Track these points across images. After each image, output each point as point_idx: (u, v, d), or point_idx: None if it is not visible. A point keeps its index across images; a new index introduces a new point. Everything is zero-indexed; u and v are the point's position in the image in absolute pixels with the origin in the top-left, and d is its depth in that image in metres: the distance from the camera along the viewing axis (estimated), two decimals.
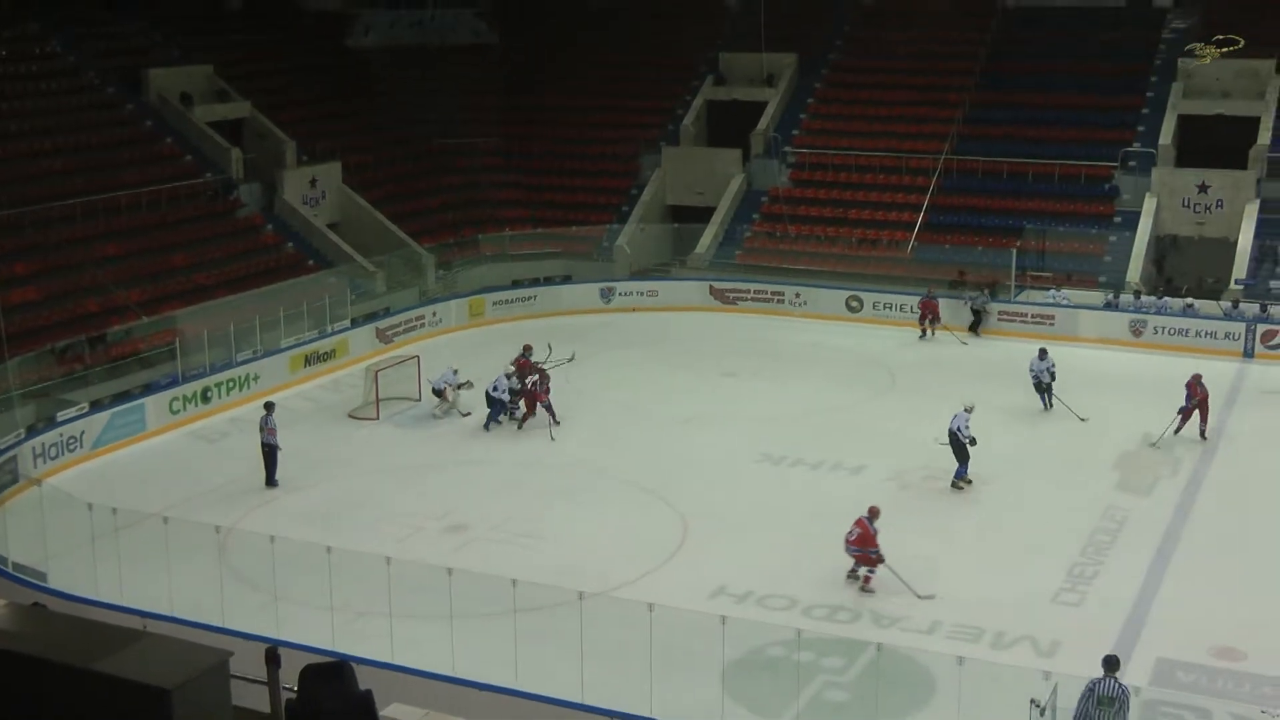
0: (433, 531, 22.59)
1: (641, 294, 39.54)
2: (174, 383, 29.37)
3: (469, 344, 35.89)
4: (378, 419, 28.90)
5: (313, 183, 40.28)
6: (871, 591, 19.85)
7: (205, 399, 29.37)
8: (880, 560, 19.85)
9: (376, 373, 29.41)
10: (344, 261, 38.33)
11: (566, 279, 41.63)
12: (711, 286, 39.31)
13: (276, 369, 31.52)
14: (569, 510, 23.63)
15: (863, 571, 19.96)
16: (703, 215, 42.57)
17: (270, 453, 24.84)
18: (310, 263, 38.06)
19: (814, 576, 20.50)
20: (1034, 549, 21.60)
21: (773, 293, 38.61)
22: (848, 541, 19.98)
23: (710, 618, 16.57)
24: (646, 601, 16.53)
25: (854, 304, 37.47)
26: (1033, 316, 35.20)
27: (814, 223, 41.28)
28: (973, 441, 23.81)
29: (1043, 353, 28.59)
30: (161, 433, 28.16)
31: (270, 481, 24.77)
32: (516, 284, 40.71)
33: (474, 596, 18.24)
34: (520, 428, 27.77)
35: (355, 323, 34.97)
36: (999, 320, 35.57)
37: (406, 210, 42.79)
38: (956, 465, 24.18)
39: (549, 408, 27.32)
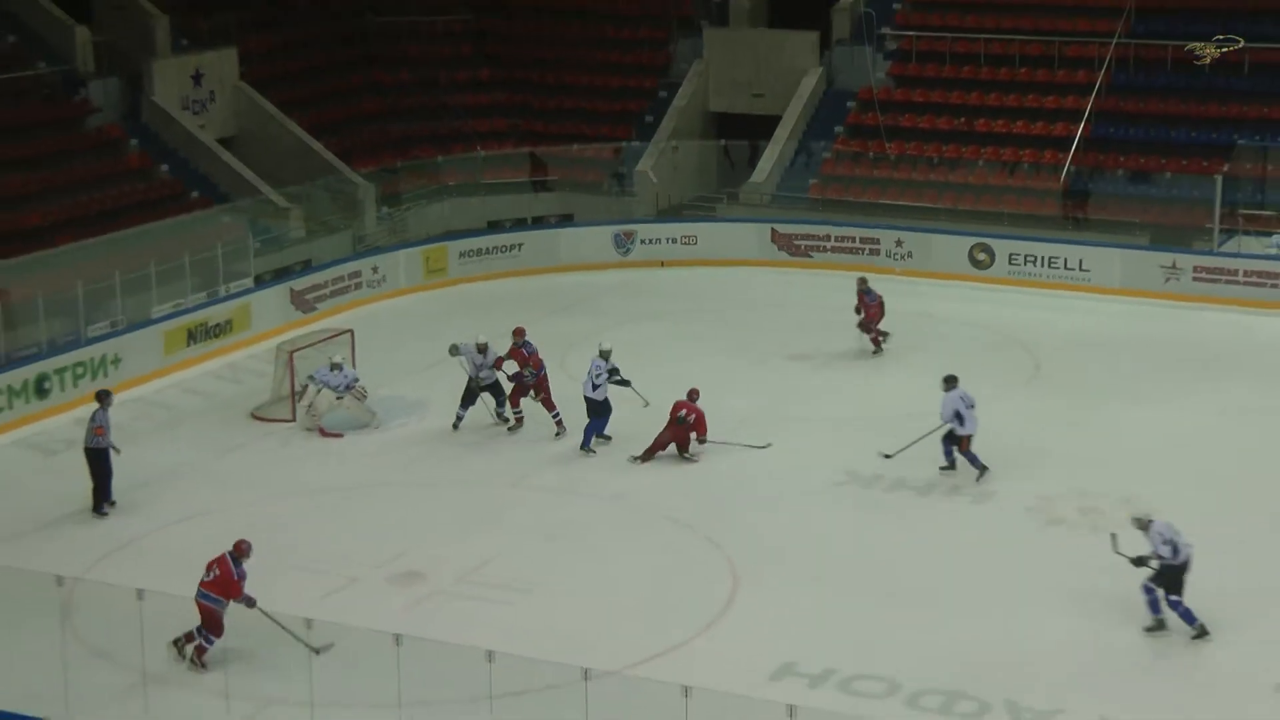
0: (373, 582, 22.57)
1: (674, 241, 39.54)
2: None
3: (424, 314, 35.87)
4: (293, 420, 28.98)
5: (196, 78, 40.35)
6: (203, 667, 19.57)
7: (41, 392, 29.41)
8: (250, 604, 19.56)
9: (292, 354, 29.42)
10: (243, 194, 38.38)
11: (566, 220, 41.55)
12: (774, 231, 39.30)
13: (146, 349, 31.56)
14: (569, 553, 23.60)
15: (193, 646, 19.66)
16: (762, 128, 42.52)
17: (100, 461, 24.88)
18: (194, 194, 38.08)
19: (922, 650, 20.42)
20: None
21: (863, 240, 38.60)
22: (204, 586, 19.63)
23: (773, 707, 16.52)
24: (680, 684, 16.49)
25: (981, 256, 37.48)
26: (1246, 275, 35.09)
27: (924, 139, 41.17)
28: None
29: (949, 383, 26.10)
30: None
31: (100, 505, 24.83)
32: (494, 227, 40.66)
33: (432, 675, 18.17)
34: (510, 427, 28.22)
35: (261, 282, 35.03)
36: (1193, 281, 35.47)
37: (334, 120, 42.75)
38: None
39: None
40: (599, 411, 27.36)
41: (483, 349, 28.16)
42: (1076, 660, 20.19)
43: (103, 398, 25.47)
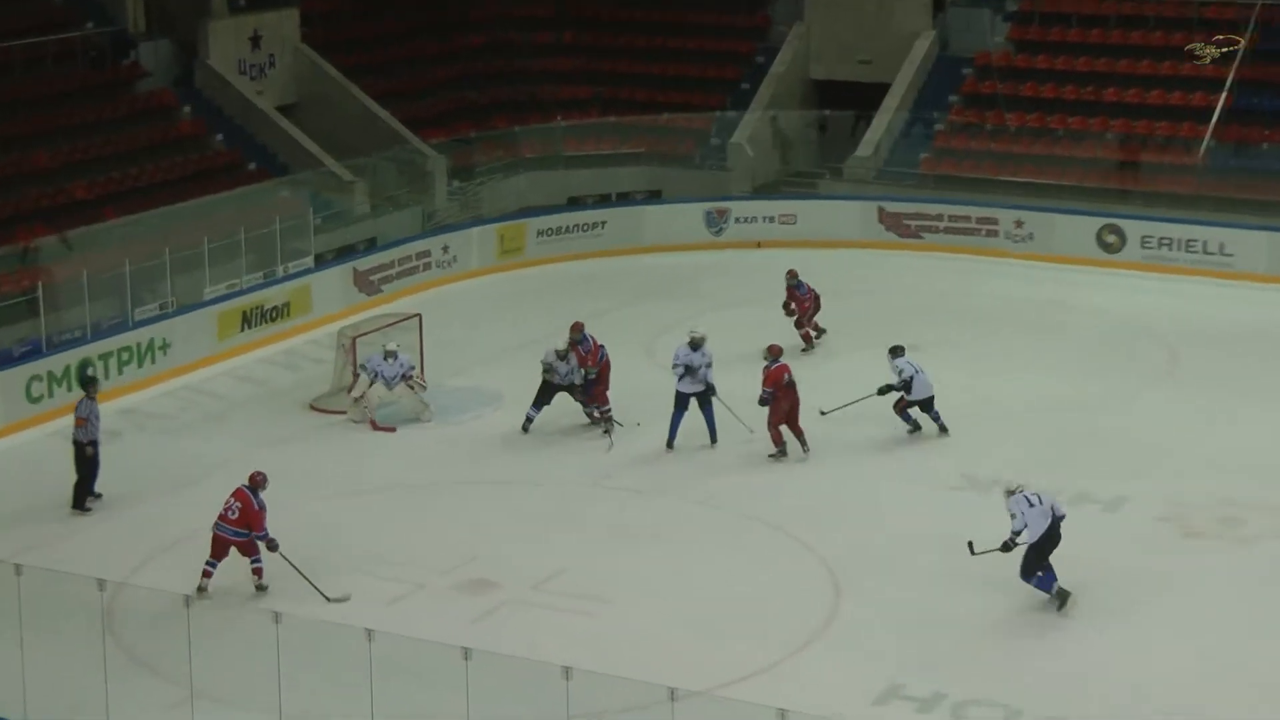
0: (440, 589, 22.57)
1: (771, 220, 39.46)
2: (34, 353, 29.58)
3: (499, 297, 35.87)
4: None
5: (255, 40, 40.49)
6: (264, 588, 22.02)
7: (84, 380, 29.49)
8: (272, 547, 22.05)
9: (354, 340, 29.48)
10: (304, 166, 38.53)
11: (654, 196, 41.48)
12: (882, 210, 39.13)
13: (197, 333, 31.73)
14: (654, 560, 23.53)
15: (253, 564, 22.22)
16: (869, 97, 42.32)
17: (80, 454, 25.05)
18: (251, 166, 38.26)
19: (1045, 674, 20.22)
20: None
21: (980, 220, 38.40)
22: (226, 522, 22.05)
23: None
24: (776, 706, 16.31)
25: (1110, 239, 37.21)
26: None
27: (1047, 109, 40.85)
28: None
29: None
30: (13, 431, 28.39)
31: (82, 502, 25.02)
32: (575, 204, 40.63)
33: (505, 692, 18.14)
34: (608, 442, 27.85)
35: (322, 262, 35.14)
36: None
37: (403, 86, 42.83)
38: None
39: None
40: (684, 404, 27.16)
41: (564, 355, 27.87)
42: (1216, 690, 19.85)
43: (88, 385, 25.74)
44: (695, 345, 27.14)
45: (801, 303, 31.83)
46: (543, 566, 23.17)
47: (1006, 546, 21.57)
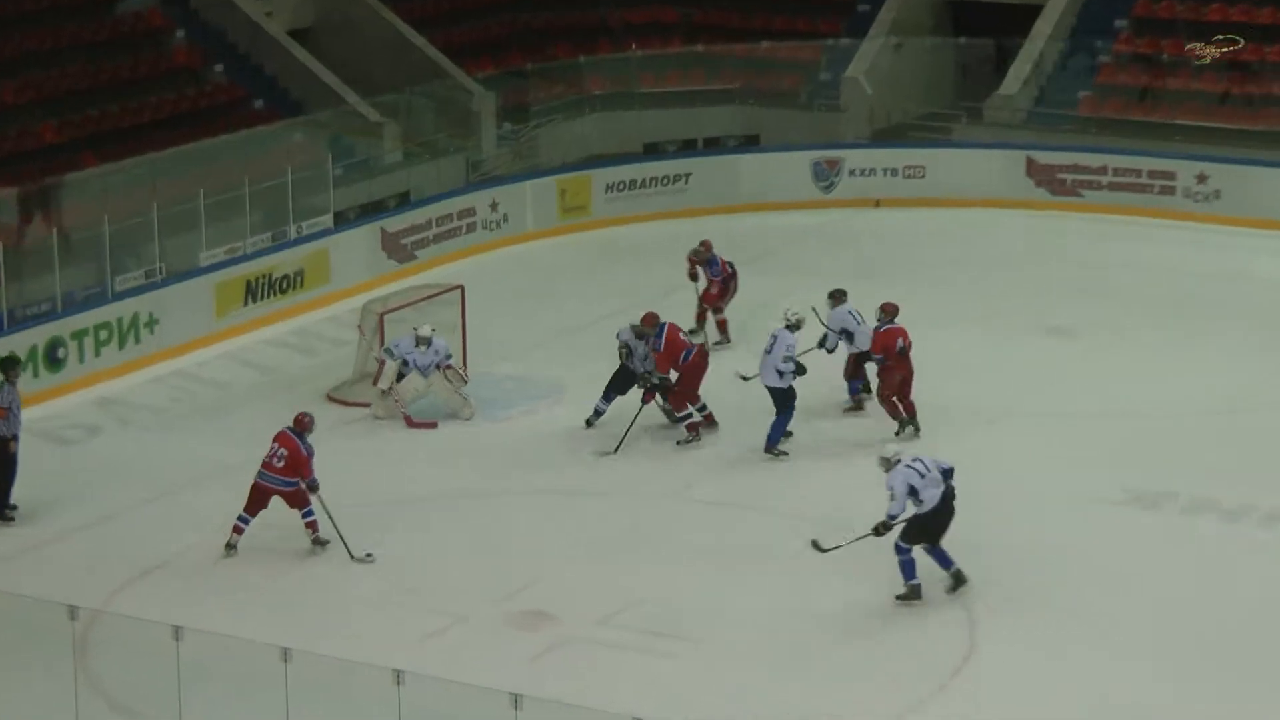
0: (489, 623, 22.61)
1: (893, 173, 39.55)
2: None
3: (559, 266, 35.93)
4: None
5: None
6: (324, 544, 23.85)
7: (54, 362, 29.83)
8: (314, 488, 23.79)
9: (382, 318, 29.59)
10: (322, 104, 38.74)
11: (750, 143, 41.47)
12: (1031, 161, 39.17)
13: (191, 307, 32.01)
14: (745, 590, 23.51)
15: (305, 518, 23.98)
16: (1016, 21, 42.32)
17: (4, 454, 25.15)
18: (258, 104, 38.47)
19: None
20: None
21: (1152, 174, 38.43)
22: (271, 470, 23.72)
23: None
24: None
25: None
26: None
27: (1240, 35, 40.50)
28: None
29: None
30: None
31: (1, 508, 25.20)
32: (652, 152, 40.63)
33: None
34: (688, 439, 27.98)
35: (344, 222, 35.33)
36: None
37: (442, 8, 42.93)
38: None
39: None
40: (786, 404, 27.12)
41: (643, 335, 27.80)
42: None
43: (9, 368, 25.72)
44: (793, 329, 27.11)
45: (711, 284, 31.49)
46: (611, 596, 23.19)
47: (879, 530, 22.41)
